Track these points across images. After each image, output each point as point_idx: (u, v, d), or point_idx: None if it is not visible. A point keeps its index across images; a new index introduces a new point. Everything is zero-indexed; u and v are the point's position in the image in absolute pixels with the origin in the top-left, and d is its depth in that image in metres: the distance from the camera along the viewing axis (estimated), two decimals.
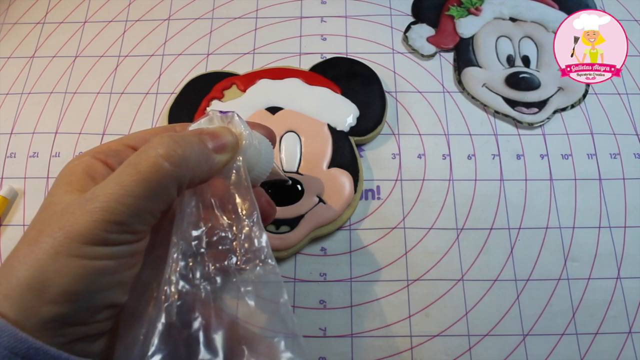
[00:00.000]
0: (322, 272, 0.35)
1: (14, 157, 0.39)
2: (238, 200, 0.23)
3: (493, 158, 0.38)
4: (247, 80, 0.40)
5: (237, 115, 0.24)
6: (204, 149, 0.22)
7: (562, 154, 0.39)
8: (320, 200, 0.35)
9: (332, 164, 0.37)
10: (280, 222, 0.35)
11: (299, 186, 0.36)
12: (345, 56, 0.41)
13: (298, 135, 0.37)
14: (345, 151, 0.37)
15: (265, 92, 0.39)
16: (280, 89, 0.39)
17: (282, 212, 0.35)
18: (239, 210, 0.23)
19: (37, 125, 0.40)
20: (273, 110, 0.38)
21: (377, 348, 0.33)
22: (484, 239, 0.36)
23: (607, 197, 0.37)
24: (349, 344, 0.33)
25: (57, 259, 0.18)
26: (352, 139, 0.38)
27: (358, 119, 0.38)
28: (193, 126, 0.24)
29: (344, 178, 0.36)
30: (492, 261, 0.35)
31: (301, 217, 0.35)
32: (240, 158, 0.24)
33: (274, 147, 0.27)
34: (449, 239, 0.36)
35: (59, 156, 0.39)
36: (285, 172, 0.36)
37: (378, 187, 0.38)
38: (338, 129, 0.38)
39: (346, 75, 0.40)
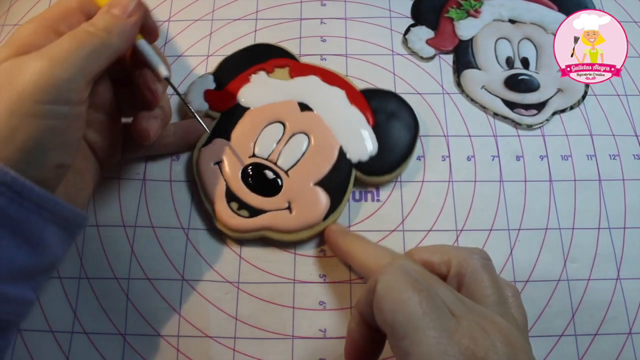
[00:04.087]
0: (321, 273, 0.35)
1: None
2: None
3: (492, 159, 0.38)
4: (301, 70, 0.39)
5: None
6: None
7: (561, 155, 0.39)
8: (289, 207, 0.35)
9: (320, 183, 0.36)
10: (244, 205, 0.35)
11: (279, 180, 0.35)
12: (395, 93, 0.39)
13: (308, 141, 0.37)
14: (340, 178, 0.36)
15: (308, 88, 0.39)
16: (323, 93, 0.39)
17: (252, 198, 0.35)
18: None
19: None
20: (303, 107, 0.38)
21: None
22: (483, 240, 0.36)
23: (606, 198, 0.37)
24: None
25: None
26: (355, 172, 0.36)
27: (372, 157, 0.37)
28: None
29: (322, 201, 0.35)
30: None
31: (263, 212, 0.35)
32: None
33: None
34: (449, 241, 0.36)
35: None
36: (277, 165, 0.36)
37: (377, 188, 0.38)
38: (347, 156, 0.36)
39: (388, 113, 0.38)
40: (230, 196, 0.35)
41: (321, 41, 0.43)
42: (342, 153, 0.36)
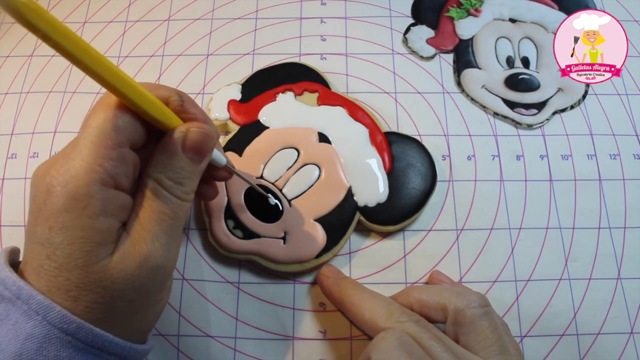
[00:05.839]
0: None
1: (15, 158, 0.39)
2: None
3: (493, 159, 0.38)
4: (329, 99, 0.38)
5: None
6: None
7: (561, 155, 0.39)
8: (284, 237, 0.34)
9: (321, 220, 0.34)
10: (240, 225, 0.34)
11: (280, 208, 0.34)
12: (420, 142, 0.37)
13: (319, 174, 0.36)
14: (342, 219, 0.35)
15: (332, 120, 0.37)
16: (345, 127, 0.37)
17: (250, 219, 0.34)
18: None
19: (37, 125, 0.40)
20: (322, 137, 0.37)
21: None
22: (484, 239, 0.36)
23: (606, 197, 0.37)
24: (349, 347, 0.33)
25: None
26: (358, 215, 0.35)
27: (379, 204, 0.35)
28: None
29: (318, 239, 0.34)
30: (492, 262, 0.35)
31: (257, 236, 0.34)
32: None
33: None
34: (449, 241, 0.36)
35: None
36: (282, 192, 0.35)
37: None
38: (355, 197, 0.35)
39: (408, 162, 0.36)
40: (229, 213, 0.34)
41: (321, 40, 0.43)
42: (349, 194, 0.35)
